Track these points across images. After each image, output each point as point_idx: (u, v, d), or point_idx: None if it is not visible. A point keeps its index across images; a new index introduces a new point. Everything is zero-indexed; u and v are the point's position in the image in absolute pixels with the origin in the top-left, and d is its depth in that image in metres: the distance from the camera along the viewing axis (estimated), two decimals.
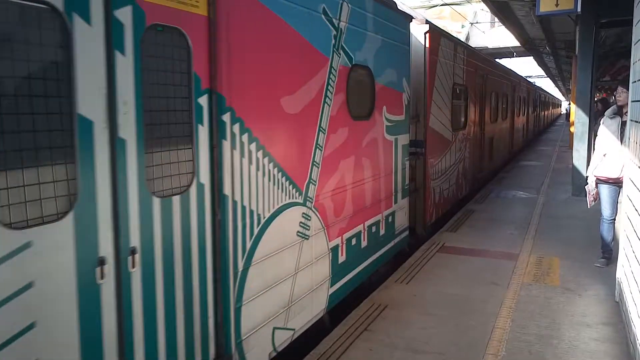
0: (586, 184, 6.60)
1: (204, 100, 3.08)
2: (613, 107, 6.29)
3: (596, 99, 12.57)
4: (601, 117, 6.51)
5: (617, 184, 6.11)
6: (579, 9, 9.80)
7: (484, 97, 12.11)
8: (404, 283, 5.89)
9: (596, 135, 6.17)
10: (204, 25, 3.05)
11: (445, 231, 8.25)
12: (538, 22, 16.51)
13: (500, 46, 28.89)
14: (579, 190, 11.03)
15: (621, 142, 5.95)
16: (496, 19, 20.06)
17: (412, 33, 7.06)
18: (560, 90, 65.34)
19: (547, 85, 56.59)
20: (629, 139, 5.05)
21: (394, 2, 6.26)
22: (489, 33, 29.38)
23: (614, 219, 6.30)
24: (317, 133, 4.44)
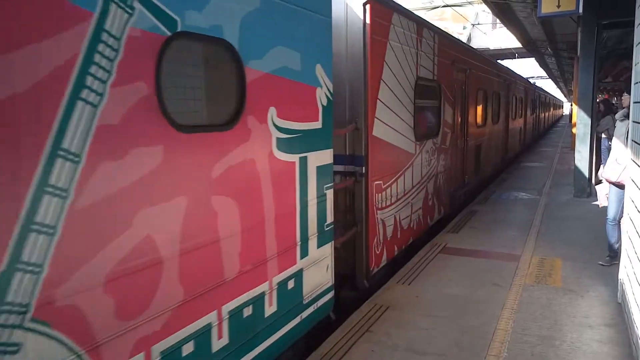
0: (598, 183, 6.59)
1: None
2: (623, 110, 6.31)
3: (598, 100, 12.55)
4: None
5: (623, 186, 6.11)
6: (580, 10, 9.81)
7: (466, 97, 10.01)
8: (405, 284, 5.89)
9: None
10: None
11: (447, 232, 8.25)
12: (539, 23, 16.52)
13: (502, 47, 28.95)
14: (581, 192, 11.03)
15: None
16: (498, 20, 20.11)
17: (347, 3, 5.40)
18: (562, 91, 65.35)
19: (549, 86, 56.61)
20: (632, 140, 5.04)
21: None
22: (490, 34, 29.43)
23: (619, 221, 6.28)
24: (43, 161, 2.15)
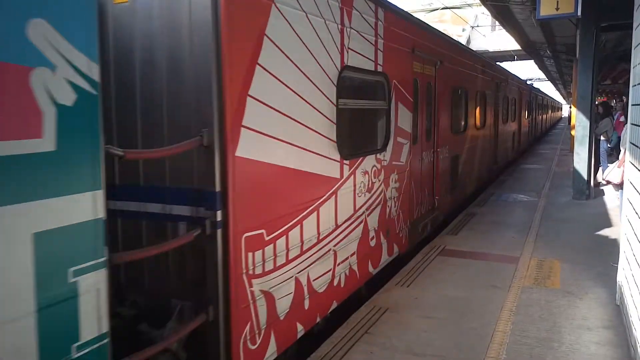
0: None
1: None
2: None
3: (597, 102, 12.57)
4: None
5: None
6: (579, 13, 9.81)
7: (436, 97, 7.89)
8: (404, 286, 5.89)
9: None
10: None
11: (446, 234, 8.26)
12: (538, 26, 16.54)
13: (501, 49, 29.03)
14: (579, 194, 11.04)
15: None
16: (497, 22, 20.15)
17: None
18: (560, 94, 65.45)
19: (548, 88, 56.69)
20: (629, 142, 5.06)
21: None
22: (489, 36, 29.52)
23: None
24: None
